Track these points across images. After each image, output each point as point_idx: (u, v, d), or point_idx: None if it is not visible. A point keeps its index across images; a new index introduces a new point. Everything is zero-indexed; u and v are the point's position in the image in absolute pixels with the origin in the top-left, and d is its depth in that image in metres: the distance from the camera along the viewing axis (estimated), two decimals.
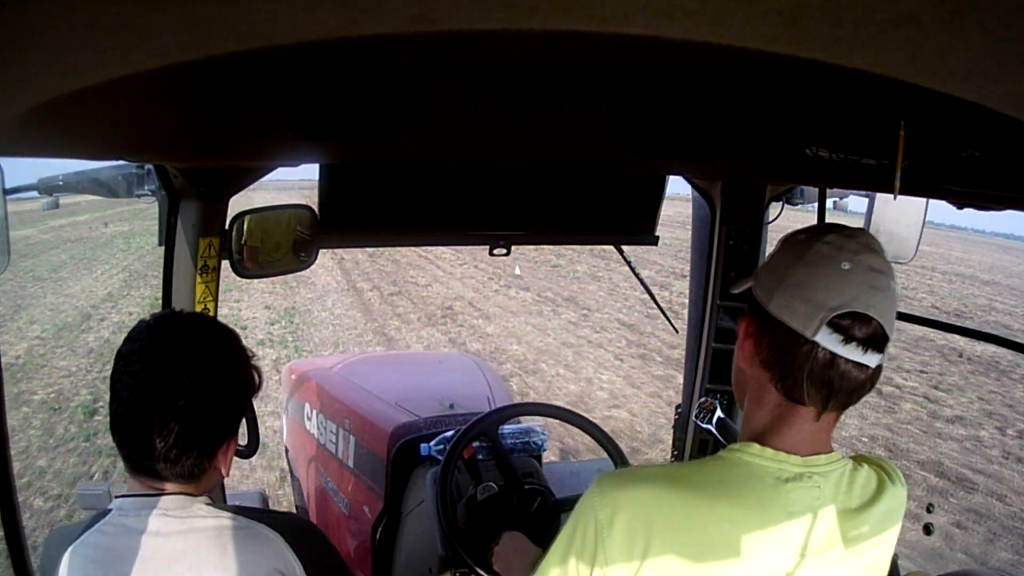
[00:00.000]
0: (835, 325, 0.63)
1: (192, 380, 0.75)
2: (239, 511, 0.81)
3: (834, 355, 0.63)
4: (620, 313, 8.88)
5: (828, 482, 0.68)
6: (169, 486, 0.78)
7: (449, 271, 11.97)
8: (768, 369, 0.68)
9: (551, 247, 14.07)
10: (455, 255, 13.24)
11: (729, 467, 0.69)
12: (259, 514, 0.83)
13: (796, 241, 0.69)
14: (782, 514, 0.66)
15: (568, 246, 13.83)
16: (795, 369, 0.65)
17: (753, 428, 0.71)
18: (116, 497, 0.80)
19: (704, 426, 1.58)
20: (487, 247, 1.47)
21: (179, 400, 0.74)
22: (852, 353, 0.63)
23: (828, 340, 0.63)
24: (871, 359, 0.64)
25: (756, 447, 0.68)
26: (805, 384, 0.65)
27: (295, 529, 0.83)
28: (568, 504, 1.42)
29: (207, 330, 0.81)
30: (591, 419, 1.53)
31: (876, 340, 0.64)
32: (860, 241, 0.66)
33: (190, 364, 0.75)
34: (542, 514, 1.41)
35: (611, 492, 0.67)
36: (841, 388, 0.65)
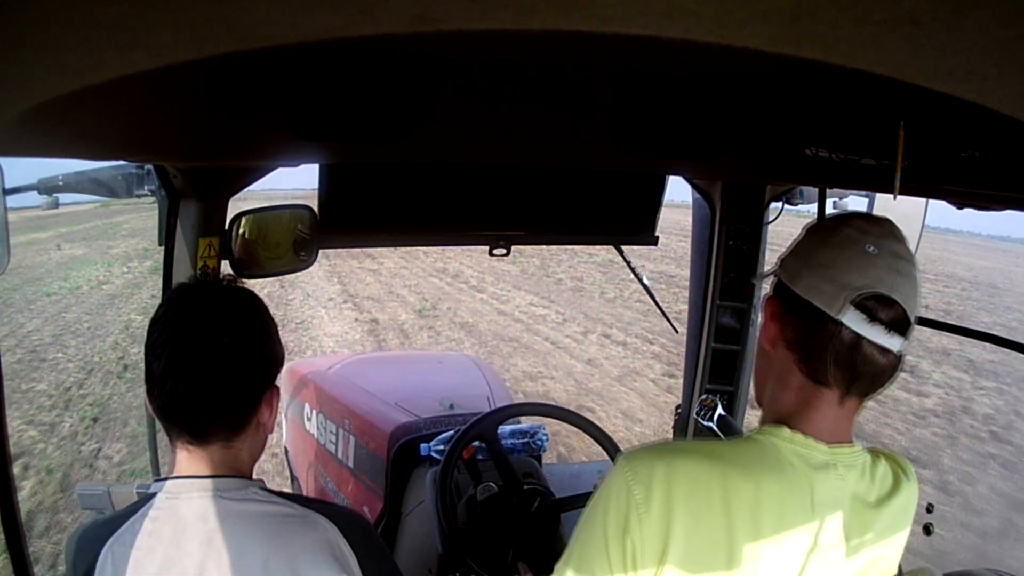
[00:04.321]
0: (860, 305, 0.64)
1: (233, 330, 0.75)
2: (292, 498, 0.80)
3: (858, 336, 0.64)
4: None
5: (852, 473, 0.69)
6: (214, 449, 0.76)
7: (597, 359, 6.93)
8: (793, 349, 0.69)
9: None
10: (572, 319, 8.70)
11: (761, 449, 0.68)
12: (314, 503, 0.81)
13: (822, 227, 0.70)
14: (807, 502, 0.66)
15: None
16: (820, 349, 0.66)
17: (778, 411, 0.71)
18: (158, 480, 0.77)
19: (705, 423, 1.58)
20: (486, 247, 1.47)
21: (224, 336, 0.74)
22: (876, 334, 0.64)
23: (852, 320, 0.64)
24: (894, 342, 0.64)
25: (787, 431, 0.68)
26: (829, 365, 0.66)
27: (349, 520, 0.81)
28: (569, 504, 1.42)
29: (242, 294, 0.81)
30: (591, 420, 1.53)
31: (899, 324, 0.65)
32: (885, 227, 0.67)
33: (229, 317, 0.76)
34: (542, 514, 1.40)
35: (646, 468, 0.66)
36: (864, 372, 0.65)
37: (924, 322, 1.41)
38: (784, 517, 0.65)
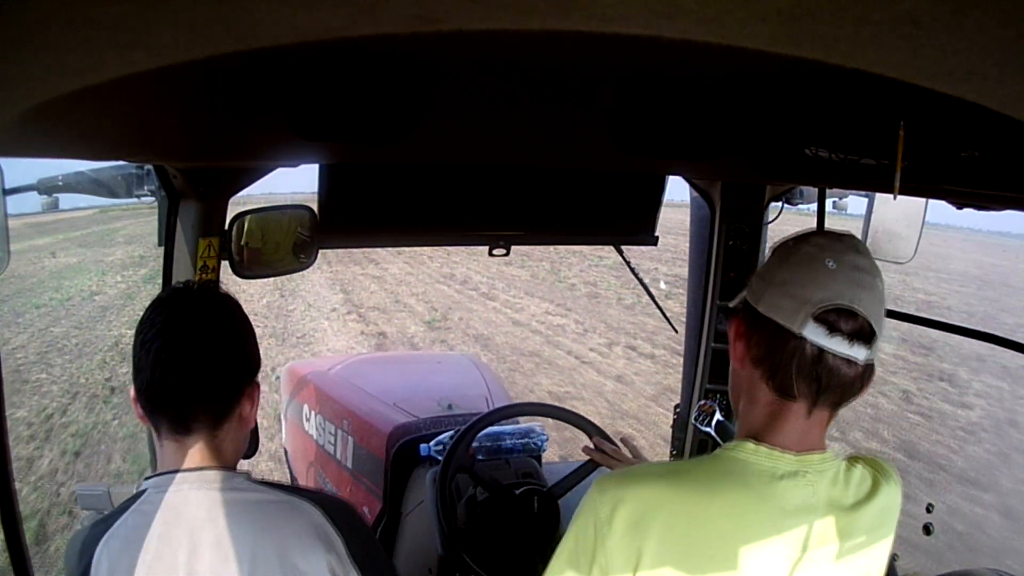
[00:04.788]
0: (821, 319, 0.65)
1: (217, 326, 0.81)
2: (277, 486, 0.83)
3: (822, 349, 0.65)
4: None
5: (823, 479, 0.69)
6: (199, 439, 0.79)
7: None
8: (759, 366, 0.70)
9: None
10: (593, 328, 8.25)
11: (725, 464, 0.70)
12: (298, 490, 0.85)
13: (783, 246, 0.72)
14: (777, 511, 0.67)
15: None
16: (784, 364, 0.67)
17: (748, 427, 0.72)
18: (148, 478, 0.80)
19: (703, 428, 1.58)
20: (486, 247, 1.47)
21: (209, 331, 0.79)
22: (838, 346, 0.64)
23: (814, 333, 0.65)
24: (858, 352, 0.65)
25: (751, 445, 0.69)
26: (795, 379, 0.66)
27: (333, 505, 0.84)
28: (561, 487, 1.43)
29: (224, 299, 0.86)
30: (585, 416, 1.53)
31: (862, 334, 0.65)
32: (845, 243, 0.68)
33: (213, 316, 0.81)
34: (543, 512, 1.40)
35: (611, 491, 0.68)
36: (830, 384, 0.66)
37: (922, 321, 1.41)
38: (752, 528, 0.66)
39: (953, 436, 5.57)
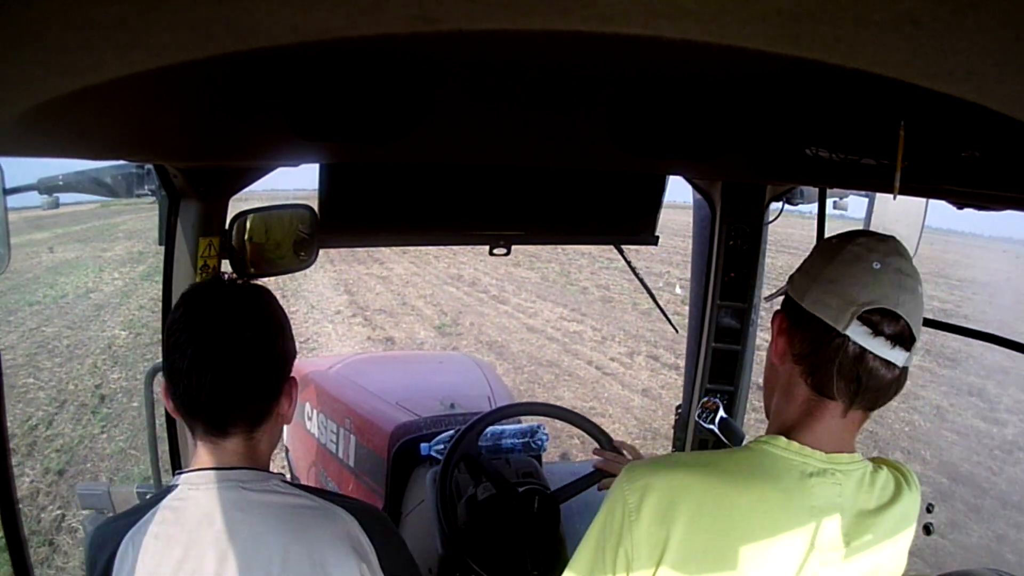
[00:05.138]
0: (865, 319, 0.65)
1: (252, 325, 0.77)
2: (313, 491, 0.82)
3: (863, 350, 0.65)
4: None
5: (850, 481, 0.69)
6: (235, 442, 0.78)
7: None
8: (800, 363, 0.70)
9: None
10: (611, 336, 7.90)
11: (756, 457, 0.70)
12: (333, 496, 0.83)
13: (830, 245, 0.72)
14: (803, 507, 0.67)
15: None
16: (826, 362, 0.67)
17: (782, 422, 0.73)
18: (179, 472, 0.79)
19: (707, 426, 1.58)
20: (487, 247, 1.47)
21: (246, 332, 0.76)
22: (880, 348, 0.65)
23: (858, 334, 0.65)
24: (898, 356, 0.66)
25: (783, 440, 0.70)
26: (835, 378, 0.67)
27: (368, 514, 0.83)
28: (565, 492, 1.43)
29: (257, 292, 0.83)
30: (584, 415, 1.53)
31: (903, 338, 0.66)
32: (890, 245, 0.69)
33: (247, 314, 0.78)
34: (543, 512, 1.40)
35: (640, 478, 0.69)
36: (869, 385, 0.67)
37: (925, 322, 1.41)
38: (779, 523, 0.66)
39: (991, 456, 5.35)
